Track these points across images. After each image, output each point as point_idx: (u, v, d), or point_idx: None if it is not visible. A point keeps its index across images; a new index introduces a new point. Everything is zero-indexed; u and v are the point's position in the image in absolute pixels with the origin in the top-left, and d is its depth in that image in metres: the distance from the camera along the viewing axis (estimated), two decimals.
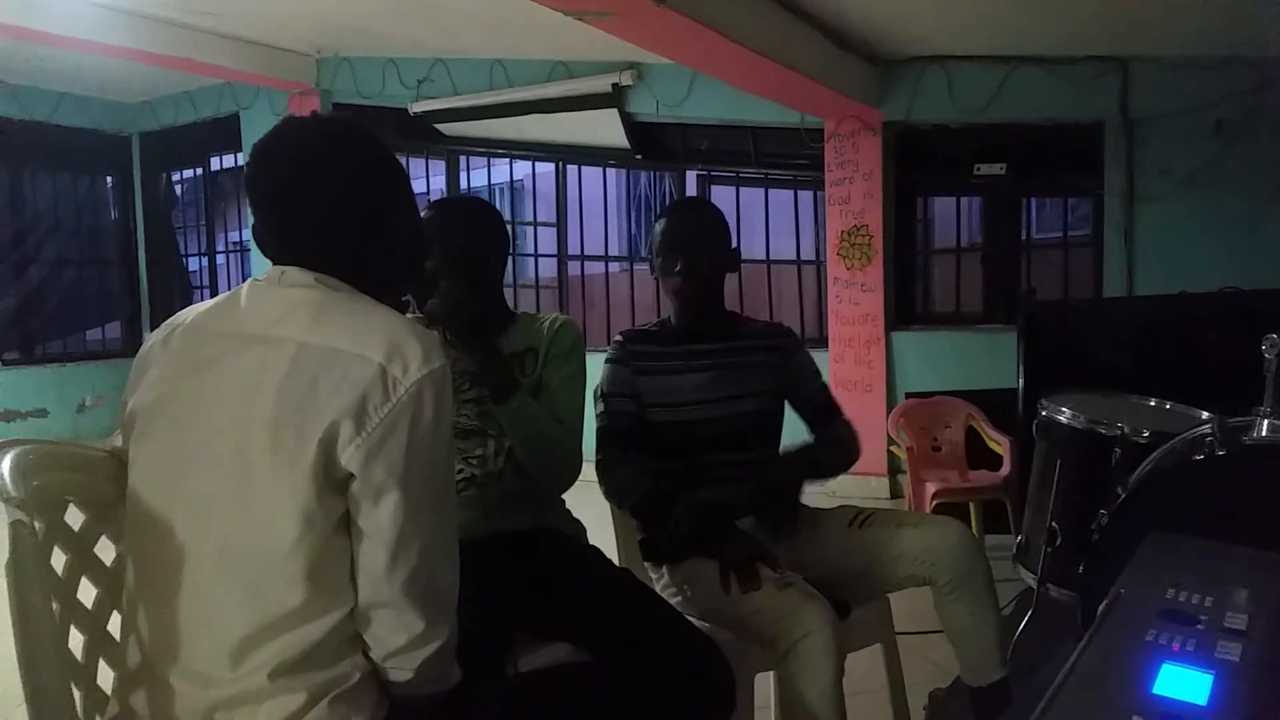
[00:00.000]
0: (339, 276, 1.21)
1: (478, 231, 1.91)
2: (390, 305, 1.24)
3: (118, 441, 1.24)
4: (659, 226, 2.16)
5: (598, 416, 2.15)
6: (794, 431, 2.24)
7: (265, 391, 1.09)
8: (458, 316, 1.79)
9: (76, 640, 1.24)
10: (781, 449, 2.17)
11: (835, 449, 2.15)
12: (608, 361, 2.16)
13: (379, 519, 1.10)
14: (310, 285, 1.19)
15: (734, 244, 2.21)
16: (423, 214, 1.77)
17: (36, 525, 1.13)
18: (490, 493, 1.85)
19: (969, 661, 2.02)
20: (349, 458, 1.08)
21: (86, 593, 1.26)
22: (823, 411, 2.21)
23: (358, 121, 1.34)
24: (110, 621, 1.29)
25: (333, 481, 1.09)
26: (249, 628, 1.09)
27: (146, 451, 1.18)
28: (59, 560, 1.21)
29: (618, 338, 2.19)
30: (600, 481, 2.07)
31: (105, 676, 1.25)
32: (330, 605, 1.11)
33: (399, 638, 1.13)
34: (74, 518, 1.25)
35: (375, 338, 1.11)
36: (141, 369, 1.23)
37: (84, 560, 1.26)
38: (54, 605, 1.15)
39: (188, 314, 1.25)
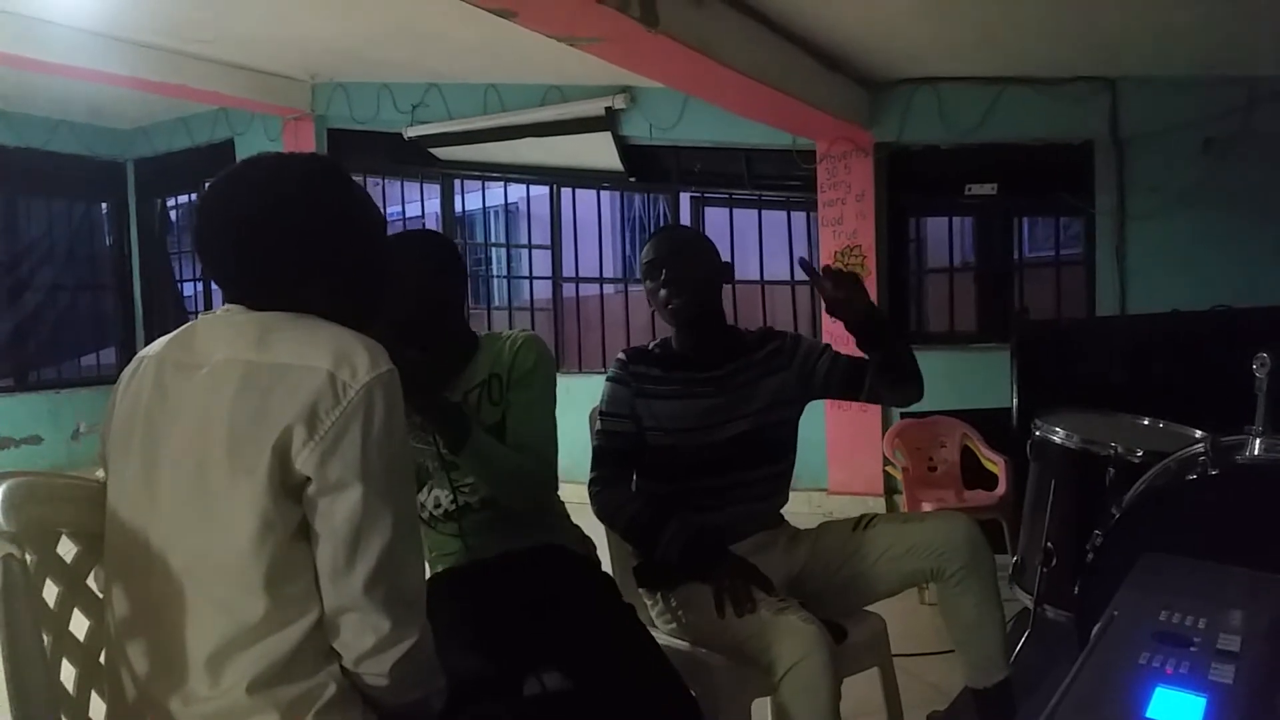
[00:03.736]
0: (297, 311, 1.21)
1: (428, 267, 1.80)
2: None
3: (101, 473, 1.25)
4: (642, 254, 2.12)
5: (594, 435, 2.12)
6: (805, 437, 2.23)
7: (219, 411, 1.11)
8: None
9: (68, 673, 1.23)
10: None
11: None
12: (609, 380, 2.12)
13: (335, 519, 1.11)
14: (255, 310, 1.21)
15: (723, 259, 2.15)
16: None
17: (28, 558, 1.13)
18: (486, 518, 1.84)
19: (973, 660, 2.01)
20: (304, 461, 1.09)
21: (79, 625, 1.26)
22: (853, 359, 2.08)
23: (301, 161, 1.30)
24: (102, 654, 1.28)
25: (289, 489, 1.11)
26: (220, 641, 1.10)
27: (119, 480, 1.21)
28: (50, 593, 1.21)
29: (620, 356, 2.15)
30: (591, 502, 2.05)
31: (97, 709, 1.25)
32: (294, 615, 1.12)
33: (366, 640, 1.13)
34: (65, 549, 1.25)
35: (321, 349, 1.13)
36: (114, 401, 1.25)
37: (76, 592, 1.26)
38: (45, 638, 1.15)
39: (153, 346, 1.27)
